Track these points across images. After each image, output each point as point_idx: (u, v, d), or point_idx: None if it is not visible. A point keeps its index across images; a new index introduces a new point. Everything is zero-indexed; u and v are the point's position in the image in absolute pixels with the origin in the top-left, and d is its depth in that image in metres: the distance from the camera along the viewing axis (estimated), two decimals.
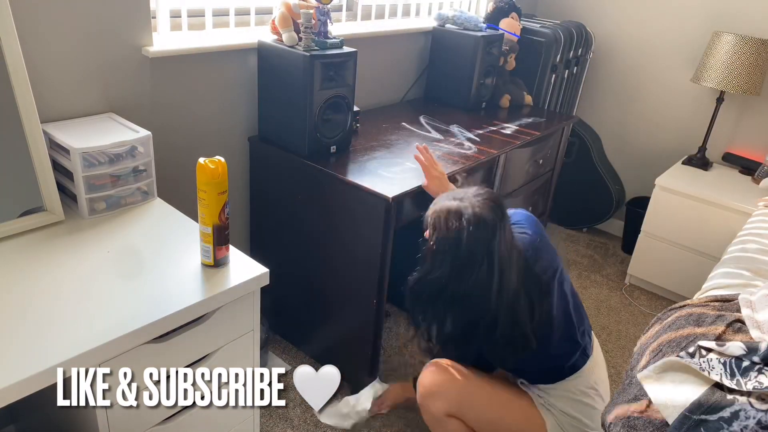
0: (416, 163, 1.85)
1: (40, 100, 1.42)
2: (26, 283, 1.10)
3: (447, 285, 1.29)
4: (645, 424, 1.18)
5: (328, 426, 1.88)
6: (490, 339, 1.33)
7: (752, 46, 2.53)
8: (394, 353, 2.22)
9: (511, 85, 2.73)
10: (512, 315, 1.30)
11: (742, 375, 1.15)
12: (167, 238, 1.32)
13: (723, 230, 2.51)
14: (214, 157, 1.15)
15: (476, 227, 1.25)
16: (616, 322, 2.60)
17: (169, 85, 1.71)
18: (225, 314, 1.21)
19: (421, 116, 2.36)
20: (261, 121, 1.92)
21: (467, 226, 1.25)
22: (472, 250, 1.26)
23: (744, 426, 1.06)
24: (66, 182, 1.38)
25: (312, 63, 1.67)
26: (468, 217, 1.26)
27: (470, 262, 1.27)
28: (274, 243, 2.04)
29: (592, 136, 3.23)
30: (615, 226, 3.38)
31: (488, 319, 1.30)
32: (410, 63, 2.59)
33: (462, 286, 1.28)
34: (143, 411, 1.13)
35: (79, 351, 0.95)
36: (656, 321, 1.58)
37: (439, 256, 1.29)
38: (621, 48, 3.12)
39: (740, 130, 2.88)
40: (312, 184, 1.82)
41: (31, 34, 1.38)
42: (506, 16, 2.65)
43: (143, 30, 1.59)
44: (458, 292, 1.29)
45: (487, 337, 1.34)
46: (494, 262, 1.26)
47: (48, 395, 1.20)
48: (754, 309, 1.39)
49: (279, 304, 2.12)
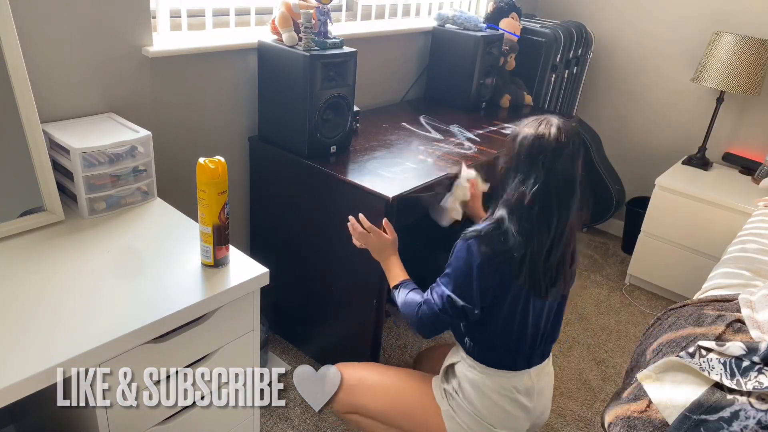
0: (416, 163, 1.86)
1: (40, 100, 1.42)
2: (26, 283, 1.10)
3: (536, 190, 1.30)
4: (645, 424, 1.18)
5: (328, 426, 1.88)
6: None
7: (752, 46, 2.53)
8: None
9: (511, 85, 2.73)
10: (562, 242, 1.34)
11: (742, 375, 1.15)
12: (167, 238, 1.32)
13: (723, 230, 2.51)
14: (214, 157, 1.15)
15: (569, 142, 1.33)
16: (616, 322, 2.60)
17: (169, 85, 1.71)
18: (225, 314, 1.21)
19: (421, 116, 2.36)
20: (261, 121, 1.92)
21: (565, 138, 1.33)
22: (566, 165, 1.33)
23: (744, 426, 1.06)
24: (66, 182, 1.38)
25: (312, 63, 1.67)
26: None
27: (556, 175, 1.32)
28: (274, 243, 2.04)
29: (592, 136, 3.23)
30: (615, 226, 3.38)
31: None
32: (410, 63, 2.59)
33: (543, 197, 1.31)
34: (143, 411, 1.13)
35: (79, 351, 0.95)
36: (656, 321, 1.58)
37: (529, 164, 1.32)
38: (621, 48, 3.12)
39: (740, 130, 2.88)
40: (312, 184, 1.82)
41: (31, 34, 1.38)
42: (506, 16, 2.65)
43: (143, 30, 1.59)
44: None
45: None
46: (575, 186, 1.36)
47: (48, 395, 1.21)
48: (754, 309, 1.39)
49: (279, 304, 2.12)
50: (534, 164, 1.31)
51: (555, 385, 2.16)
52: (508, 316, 1.36)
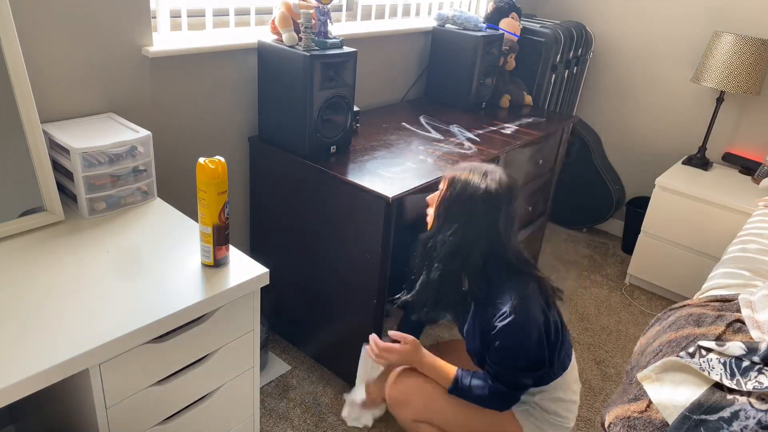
0: (416, 163, 1.86)
1: (40, 100, 1.42)
2: (26, 283, 1.10)
3: (454, 241, 1.39)
4: (645, 424, 1.18)
5: (328, 426, 1.88)
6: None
7: (752, 46, 2.53)
8: None
9: (511, 85, 2.73)
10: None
11: (742, 375, 1.15)
12: (167, 238, 1.32)
13: (723, 230, 2.51)
14: (214, 157, 1.15)
15: (497, 188, 1.37)
16: (616, 322, 2.60)
17: (169, 85, 1.71)
18: (225, 314, 1.21)
19: (421, 116, 2.36)
20: (261, 121, 1.92)
21: (490, 184, 1.37)
22: (485, 208, 1.37)
23: (744, 426, 1.06)
24: (66, 182, 1.38)
25: (312, 63, 1.67)
26: (492, 177, 1.39)
27: (478, 218, 1.38)
28: (274, 243, 2.05)
29: (592, 136, 3.24)
30: (615, 226, 3.39)
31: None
32: (410, 63, 2.59)
33: (464, 241, 1.39)
34: (143, 411, 1.13)
35: (80, 351, 0.95)
36: (656, 321, 1.58)
37: (455, 209, 1.40)
38: (621, 48, 3.12)
39: (740, 130, 2.88)
40: (312, 184, 1.82)
41: (31, 34, 1.38)
42: (506, 16, 2.65)
43: (143, 30, 1.59)
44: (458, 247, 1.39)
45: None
46: (497, 229, 1.38)
47: (48, 395, 1.21)
48: (754, 309, 1.39)
49: (279, 304, 2.12)
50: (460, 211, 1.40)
51: None
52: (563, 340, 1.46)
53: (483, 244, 1.38)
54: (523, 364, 1.35)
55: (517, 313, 1.32)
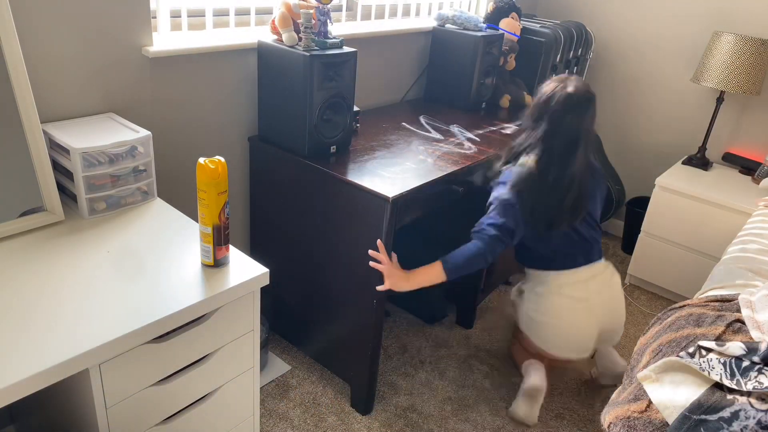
0: (416, 163, 1.86)
1: (40, 100, 1.42)
2: (26, 283, 1.10)
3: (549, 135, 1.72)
4: (645, 425, 1.18)
5: (328, 426, 1.88)
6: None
7: (752, 46, 2.53)
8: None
9: (511, 85, 2.73)
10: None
11: (742, 375, 1.15)
12: (167, 238, 1.32)
13: (723, 230, 2.51)
14: (214, 157, 1.15)
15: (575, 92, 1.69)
16: None
17: (169, 85, 1.71)
18: (225, 314, 1.21)
19: (421, 116, 2.36)
20: (261, 121, 1.92)
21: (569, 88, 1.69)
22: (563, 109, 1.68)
23: (744, 426, 1.06)
24: (66, 182, 1.38)
25: (312, 63, 1.67)
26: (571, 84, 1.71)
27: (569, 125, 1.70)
28: (274, 243, 2.04)
29: None
30: (615, 226, 3.39)
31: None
32: (410, 63, 2.59)
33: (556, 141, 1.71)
34: (143, 411, 1.13)
35: (80, 351, 0.95)
36: (656, 321, 1.58)
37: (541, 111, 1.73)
38: (621, 48, 3.12)
39: (740, 130, 2.88)
40: (312, 184, 1.82)
41: (31, 34, 1.38)
42: (506, 16, 2.65)
43: (143, 30, 1.59)
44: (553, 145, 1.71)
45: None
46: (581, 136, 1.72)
47: (48, 395, 1.21)
48: (754, 309, 1.39)
49: (279, 304, 2.12)
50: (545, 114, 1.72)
51: (554, 386, 2.17)
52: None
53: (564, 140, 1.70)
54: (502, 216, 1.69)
55: (532, 171, 1.70)
